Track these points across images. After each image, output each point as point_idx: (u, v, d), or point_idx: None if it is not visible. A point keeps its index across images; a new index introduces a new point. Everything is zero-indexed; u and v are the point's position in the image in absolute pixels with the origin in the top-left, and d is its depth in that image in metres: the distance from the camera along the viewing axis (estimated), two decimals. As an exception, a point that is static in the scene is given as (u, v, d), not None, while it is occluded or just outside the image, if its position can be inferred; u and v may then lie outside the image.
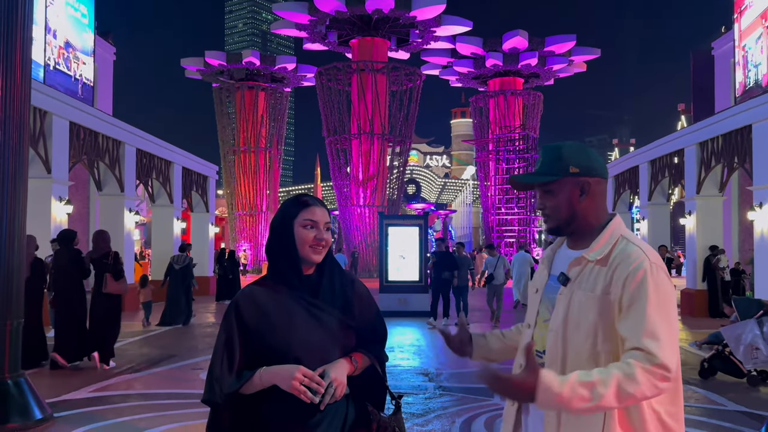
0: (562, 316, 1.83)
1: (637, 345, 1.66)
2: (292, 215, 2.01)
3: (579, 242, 1.92)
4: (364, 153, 30.58)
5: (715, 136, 15.11)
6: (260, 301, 1.97)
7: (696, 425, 5.85)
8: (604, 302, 1.76)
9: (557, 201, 1.88)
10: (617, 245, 1.82)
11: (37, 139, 12.75)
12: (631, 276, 1.73)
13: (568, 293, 1.84)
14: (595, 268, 1.81)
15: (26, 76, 5.87)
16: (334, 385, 1.87)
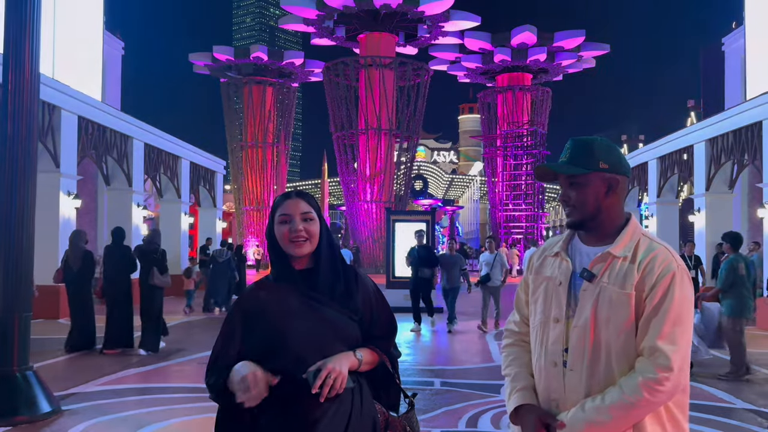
0: (589, 312, 1.82)
1: (653, 345, 1.74)
2: (273, 213, 2.01)
3: (597, 238, 1.91)
4: (372, 148, 30.55)
5: (725, 133, 15.01)
6: (262, 296, 1.98)
7: (704, 423, 5.82)
8: (636, 299, 1.80)
9: (584, 195, 1.87)
10: (640, 244, 1.86)
11: (46, 133, 12.80)
12: (660, 277, 1.78)
13: (593, 289, 1.83)
14: (623, 265, 1.83)
15: (35, 69, 5.88)
16: (333, 376, 1.82)
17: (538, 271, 2.00)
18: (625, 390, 1.72)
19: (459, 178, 68.57)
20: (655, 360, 1.72)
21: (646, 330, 1.76)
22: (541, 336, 1.93)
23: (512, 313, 2.13)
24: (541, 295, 1.96)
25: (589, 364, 1.81)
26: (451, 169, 78.93)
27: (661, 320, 1.75)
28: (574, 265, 1.90)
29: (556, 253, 1.97)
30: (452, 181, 68.04)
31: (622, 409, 1.72)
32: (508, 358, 2.04)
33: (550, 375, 1.87)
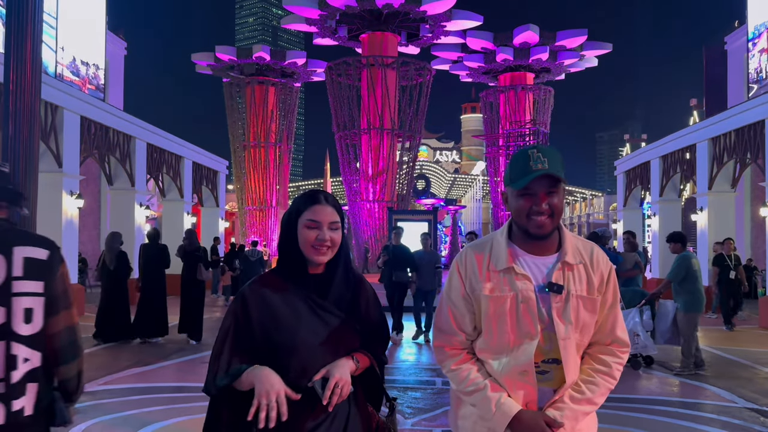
0: (569, 323, 1.90)
1: (615, 338, 2.00)
2: (299, 213, 1.95)
3: (546, 247, 1.95)
4: (374, 148, 30.56)
5: (728, 132, 14.98)
6: (268, 296, 1.92)
7: (707, 422, 5.82)
8: (598, 302, 1.96)
9: (560, 204, 1.91)
10: (578, 245, 1.97)
11: (49, 133, 12.83)
12: (607, 274, 1.99)
13: (565, 301, 1.91)
14: (579, 270, 1.94)
15: (36, 68, 5.89)
16: (340, 385, 1.83)
17: (492, 288, 1.91)
18: (605, 379, 1.96)
19: (461, 178, 68.52)
20: (619, 346, 2.01)
21: (606, 324, 1.99)
22: (509, 353, 1.91)
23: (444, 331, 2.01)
24: (503, 314, 1.90)
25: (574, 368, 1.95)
26: (453, 168, 78.88)
27: (614, 313, 2.00)
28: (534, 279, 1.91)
29: (506, 269, 1.91)
30: (455, 181, 67.99)
31: (605, 395, 1.96)
32: (469, 373, 1.95)
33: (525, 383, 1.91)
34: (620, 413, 5.91)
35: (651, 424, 5.73)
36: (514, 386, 1.92)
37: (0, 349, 2.23)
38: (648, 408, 6.30)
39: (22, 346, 2.28)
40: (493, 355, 1.95)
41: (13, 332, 2.25)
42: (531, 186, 1.87)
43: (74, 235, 13.70)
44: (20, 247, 2.31)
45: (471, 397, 1.95)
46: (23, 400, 2.29)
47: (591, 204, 59.92)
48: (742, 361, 9.14)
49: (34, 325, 2.30)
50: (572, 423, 1.89)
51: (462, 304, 1.98)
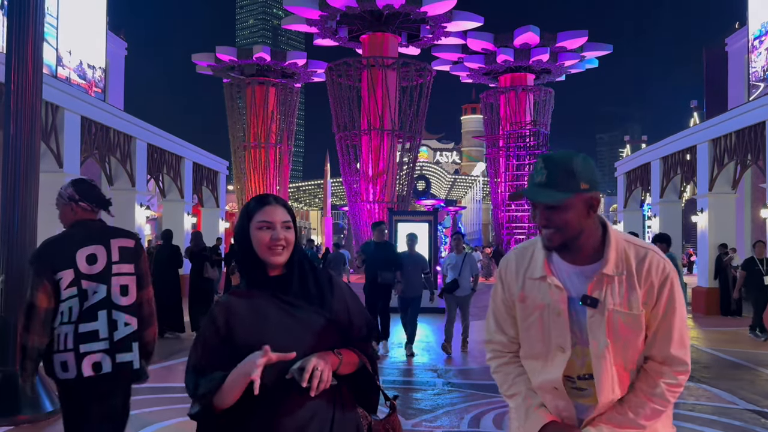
0: (605, 339, 1.77)
1: (669, 354, 1.80)
2: (249, 218, 1.94)
3: (579, 256, 1.82)
4: (374, 149, 30.56)
5: (728, 133, 14.98)
6: (234, 306, 1.90)
7: (707, 424, 5.81)
8: (641, 318, 1.80)
9: (567, 218, 1.76)
10: (628, 253, 1.81)
11: (49, 133, 12.82)
12: (661, 285, 1.79)
13: (601, 315, 1.77)
14: (620, 282, 1.78)
15: (38, 68, 5.89)
16: (319, 368, 1.76)
17: (524, 297, 1.88)
18: (652, 399, 1.80)
19: (461, 179, 68.55)
20: (673, 366, 1.80)
21: (656, 339, 1.80)
22: (542, 365, 1.87)
23: (490, 331, 2.01)
24: (535, 324, 1.86)
25: (619, 386, 1.81)
26: (453, 169, 78.89)
27: (670, 328, 1.79)
28: (568, 290, 1.81)
29: (541, 277, 1.85)
30: (455, 182, 68.01)
31: (652, 417, 1.81)
32: (509, 376, 1.95)
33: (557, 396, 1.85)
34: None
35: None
36: (550, 398, 1.87)
37: (104, 315, 3.02)
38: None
39: (122, 313, 3.07)
40: (527, 363, 1.93)
41: (113, 302, 3.05)
42: (531, 200, 1.80)
43: (74, 236, 13.69)
44: (115, 239, 3.15)
45: (510, 400, 1.95)
46: (129, 355, 3.10)
47: (591, 205, 59.87)
48: (743, 362, 9.13)
49: (130, 297, 3.12)
50: None
51: (503, 308, 1.97)
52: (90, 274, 3.03)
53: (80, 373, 2.97)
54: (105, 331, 3.01)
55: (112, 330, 3.04)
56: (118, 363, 3.05)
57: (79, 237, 3.12)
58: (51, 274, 3.01)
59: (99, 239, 3.12)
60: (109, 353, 3.02)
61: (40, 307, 2.99)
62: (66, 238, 3.15)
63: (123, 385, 3.17)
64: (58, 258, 3.04)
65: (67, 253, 3.05)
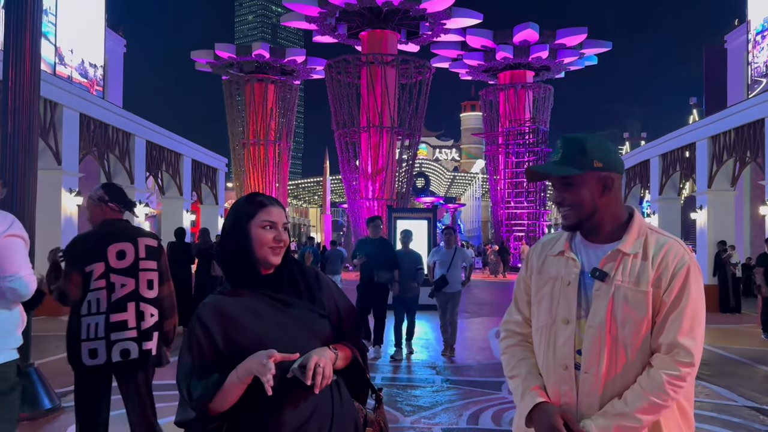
0: (604, 313, 1.78)
1: (674, 341, 1.73)
2: (249, 216, 1.92)
3: (601, 237, 1.86)
4: (373, 146, 30.55)
5: (727, 130, 14.98)
6: (224, 307, 1.87)
7: (707, 420, 5.82)
8: (653, 297, 1.76)
9: (580, 196, 1.82)
10: (649, 238, 1.82)
11: (48, 130, 12.81)
12: (676, 272, 1.76)
13: (607, 289, 1.78)
14: (634, 262, 1.79)
15: (35, 65, 5.87)
16: (321, 364, 1.76)
17: (541, 271, 1.93)
18: (649, 391, 1.71)
19: (461, 176, 68.53)
20: (676, 356, 1.72)
21: (664, 326, 1.75)
22: (547, 338, 1.87)
23: (509, 312, 2.06)
24: (546, 296, 1.89)
25: (607, 366, 1.77)
26: (453, 166, 78.89)
27: (679, 316, 1.74)
28: (582, 264, 1.85)
29: (559, 252, 1.90)
30: (454, 179, 68.01)
31: (649, 411, 1.71)
32: (513, 359, 1.97)
33: (561, 378, 1.82)
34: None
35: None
36: (549, 381, 1.85)
37: (132, 306, 3.38)
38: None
39: (148, 305, 3.45)
40: (536, 340, 1.93)
41: (141, 295, 3.42)
42: (550, 178, 1.88)
43: (73, 233, 13.67)
44: (142, 238, 3.52)
45: (510, 381, 1.96)
46: (151, 343, 3.46)
47: (590, 202, 59.89)
48: (742, 359, 9.14)
49: (154, 291, 3.49)
50: None
51: (522, 286, 2.02)
52: (119, 268, 3.38)
53: (109, 359, 3.33)
54: (133, 321, 3.39)
55: (140, 320, 3.42)
56: (144, 350, 3.43)
57: (109, 234, 3.45)
58: (82, 267, 3.35)
59: (128, 237, 3.48)
60: (137, 341, 3.41)
61: (71, 297, 3.37)
62: (97, 234, 3.47)
63: (146, 369, 3.55)
64: (90, 252, 3.38)
65: (99, 248, 3.39)
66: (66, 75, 18.25)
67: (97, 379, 3.41)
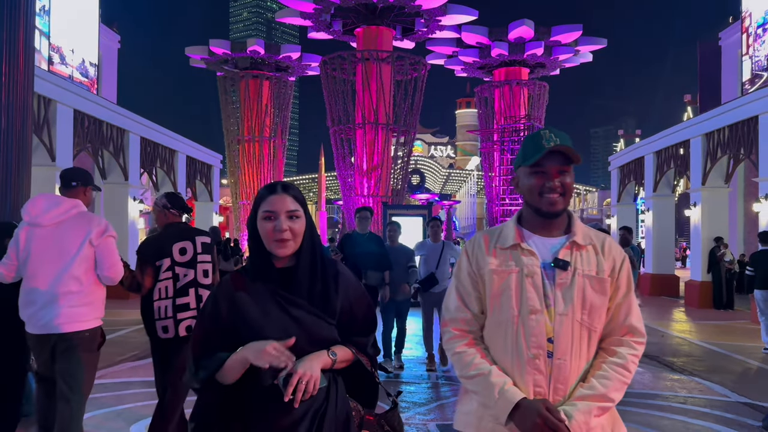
0: (571, 300, 1.86)
1: (631, 325, 1.93)
2: (257, 208, 1.92)
3: (554, 229, 1.96)
4: (369, 143, 30.54)
5: (722, 127, 15.03)
6: (236, 295, 1.88)
7: (700, 416, 5.85)
8: (607, 284, 1.91)
9: (571, 184, 1.92)
10: (590, 233, 1.97)
11: (42, 126, 12.75)
12: (623, 264, 1.96)
13: (570, 278, 1.88)
14: (588, 253, 1.93)
15: (29, 61, 5.85)
16: (304, 380, 1.75)
17: (497, 264, 1.92)
18: (618, 371, 1.87)
19: (456, 173, 68.54)
20: (635, 335, 1.93)
21: (621, 311, 1.93)
22: (515, 330, 1.87)
23: (452, 310, 1.99)
24: (508, 289, 1.89)
25: (578, 351, 1.87)
26: (448, 163, 78.91)
27: (629, 300, 1.94)
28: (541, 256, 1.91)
29: (512, 246, 1.92)
30: (449, 176, 68.01)
31: (620, 389, 1.86)
32: (472, 357, 1.91)
33: (534, 368, 1.83)
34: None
35: (644, 418, 5.75)
36: (522, 373, 1.85)
37: (192, 292, 4.16)
38: (641, 402, 6.32)
39: (205, 290, 4.20)
40: (499, 334, 1.90)
41: (199, 282, 4.20)
42: (543, 162, 1.89)
43: (67, 229, 13.65)
44: (198, 236, 4.31)
45: (473, 381, 1.89)
46: None
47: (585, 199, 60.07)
48: (735, 355, 9.19)
49: (209, 278, 4.25)
50: (585, 417, 1.79)
51: (468, 281, 1.97)
52: (181, 261, 4.17)
53: (177, 334, 4.09)
54: (194, 303, 4.14)
55: (198, 302, 4.15)
56: None
57: (172, 235, 4.24)
58: (154, 261, 4.15)
59: (187, 236, 4.25)
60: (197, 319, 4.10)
61: (145, 286, 4.15)
62: (163, 235, 4.28)
63: None
64: (160, 249, 4.18)
65: (166, 246, 4.18)
66: (67, 74, 18.21)
67: (168, 349, 4.16)
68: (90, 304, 3.77)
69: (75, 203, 3.89)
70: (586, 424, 1.80)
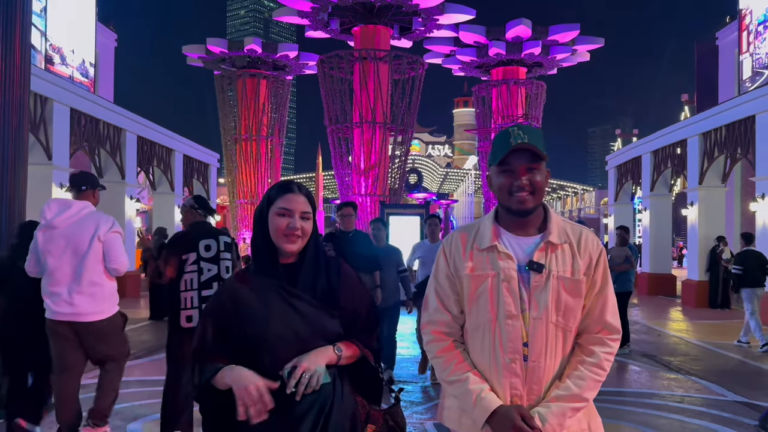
0: (546, 303, 1.83)
1: (606, 322, 1.89)
2: (270, 202, 1.96)
3: (529, 226, 1.92)
4: (366, 142, 30.52)
5: (718, 127, 15.04)
6: (240, 291, 1.94)
7: (696, 415, 5.86)
8: (582, 285, 1.88)
9: (541, 182, 1.87)
10: (566, 228, 1.93)
11: (38, 125, 12.71)
12: (598, 257, 1.91)
13: (544, 280, 1.85)
14: (563, 252, 1.88)
15: (26, 59, 5.83)
16: (307, 375, 1.80)
17: (474, 267, 1.90)
18: (591, 370, 1.84)
19: (454, 172, 68.55)
20: (610, 333, 1.89)
21: (595, 308, 1.89)
22: (492, 334, 1.86)
23: (431, 311, 1.98)
24: (484, 293, 1.87)
25: (553, 353, 1.85)
26: (445, 162, 78.92)
27: (605, 297, 1.90)
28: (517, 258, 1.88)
29: (489, 247, 1.90)
30: (447, 175, 68.02)
31: (594, 388, 1.85)
32: (451, 362, 1.91)
33: (510, 372, 1.83)
34: (610, 406, 5.94)
35: (641, 417, 5.76)
36: (499, 377, 1.84)
37: (216, 285, 4.41)
38: (638, 401, 6.33)
39: None
40: (477, 337, 1.90)
41: (221, 277, 4.48)
42: (510, 161, 1.87)
43: (64, 228, 13.62)
44: (221, 236, 4.69)
45: (452, 387, 1.91)
46: None
47: (582, 198, 60.16)
48: (732, 354, 9.21)
49: (230, 274, 4.45)
50: (559, 419, 1.79)
51: (447, 283, 1.96)
52: (206, 257, 4.53)
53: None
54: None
55: None
56: None
57: (199, 233, 4.63)
58: (179, 255, 4.49)
59: (212, 235, 4.64)
60: None
61: (166, 275, 4.53)
62: (191, 232, 4.68)
63: None
64: (187, 245, 4.55)
65: (192, 242, 4.55)
66: (68, 75, 18.17)
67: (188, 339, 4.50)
68: (104, 294, 4.37)
69: (84, 204, 4.45)
70: (560, 426, 1.80)
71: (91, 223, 4.36)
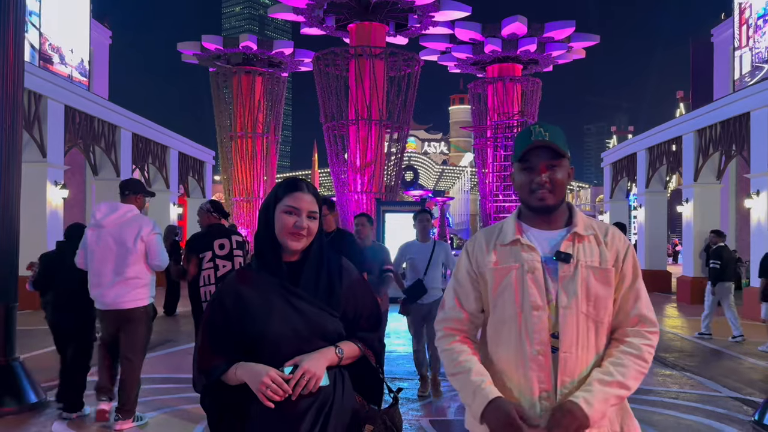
0: (575, 293, 1.83)
1: (641, 315, 1.88)
2: (277, 199, 1.95)
3: (549, 224, 1.93)
4: (362, 139, 30.49)
5: (713, 124, 15.08)
6: (241, 288, 1.93)
7: (691, 411, 5.88)
8: (612, 274, 1.87)
9: (562, 179, 1.88)
10: (592, 223, 1.94)
11: (32, 122, 12.66)
12: (626, 251, 1.91)
13: (573, 270, 1.84)
14: (590, 244, 1.89)
15: (19, 56, 5.80)
16: (306, 376, 1.80)
17: (498, 262, 1.90)
18: (634, 360, 1.83)
19: (449, 169, 68.56)
20: (646, 326, 1.88)
21: (628, 300, 1.89)
22: (517, 327, 1.84)
23: (447, 310, 1.98)
24: (509, 286, 1.86)
25: (585, 343, 1.83)
26: (441, 160, 78.92)
27: (638, 290, 1.90)
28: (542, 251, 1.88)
29: (512, 242, 1.90)
30: (443, 172, 68.02)
31: (637, 378, 1.83)
32: (457, 356, 1.91)
33: (538, 365, 1.80)
34: (606, 403, 5.95)
35: (636, 413, 5.74)
36: (526, 370, 1.82)
37: None
38: (633, 397, 6.33)
39: None
40: (503, 332, 1.88)
41: None
42: (531, 158, 1.87)
43: (59, 226, 13.55)
44: (234, 236, 5.30)
45: (456, 379, 1.90)
46: None
47: (578, 195, 60.26)
48: (726, 351, 9.24)
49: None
50: (602, 406, 1.75)
51: (467, 281, 1.96)
52: (221, 255, 5.13)
53: None
54: None
55: None
56: None
57: (214, 233, 5.26)
58: (197, 254, 5.13)
59: (225, 235, 5.25)
60: None
61: (190, 273, 5.14)
62: (207, 233, 5.30)
63: None
64: (203, 244, 5.18)
65: (208, 242, 5.18)
66: (66, 74, 18.10)
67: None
68: (143, 287, 5.00)
69: (129, 208, 5.07)
70: (603, 414, 1.77)
71: (135, 225, 4.97)
